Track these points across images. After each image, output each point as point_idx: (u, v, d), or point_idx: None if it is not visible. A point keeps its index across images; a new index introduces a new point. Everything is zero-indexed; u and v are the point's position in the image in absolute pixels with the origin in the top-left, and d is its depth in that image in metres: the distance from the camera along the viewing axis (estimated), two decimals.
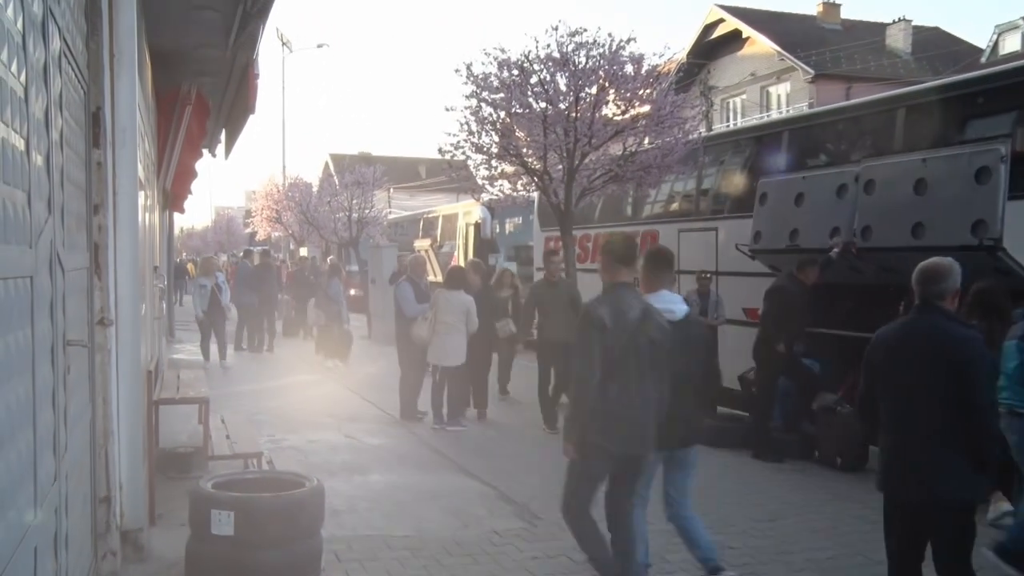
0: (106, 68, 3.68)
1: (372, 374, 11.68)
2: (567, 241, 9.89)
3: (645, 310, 3.56)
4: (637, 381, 3.49)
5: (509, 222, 18.02)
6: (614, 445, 3.52)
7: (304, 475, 4.17)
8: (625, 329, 3.45)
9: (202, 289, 11.98)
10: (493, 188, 10.44)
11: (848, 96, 21.57)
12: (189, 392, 6.48)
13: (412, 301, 8.59)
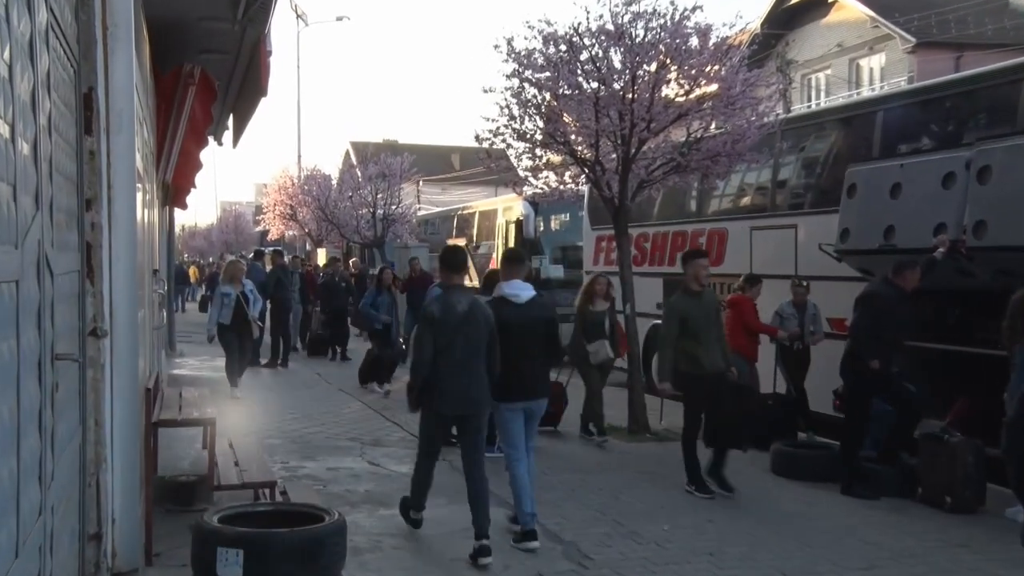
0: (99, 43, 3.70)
1: (398, 392, 11.69)
2: (622, 242, 9.84)
3: (472, 303, 5.47)
4: (464, 358, 5.36)
5: (555, 219, 17.96)
6: (447, 408, 5.47)
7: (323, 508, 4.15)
8: (453, 320, 5.36)
9: (225, 299, 11.14)
10: (537, 180, 10.44)
11: (958, 67, 21.02)
12: (193, 413, 6.52)
13: None
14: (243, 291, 11.23)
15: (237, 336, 11.13)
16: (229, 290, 11.19)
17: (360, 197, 22.53)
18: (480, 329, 5.44)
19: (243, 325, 11.14)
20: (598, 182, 9.67)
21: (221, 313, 11.08)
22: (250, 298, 11.26)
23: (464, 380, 5.39)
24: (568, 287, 15.97)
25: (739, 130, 9.30)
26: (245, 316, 11.13)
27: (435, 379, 5.37)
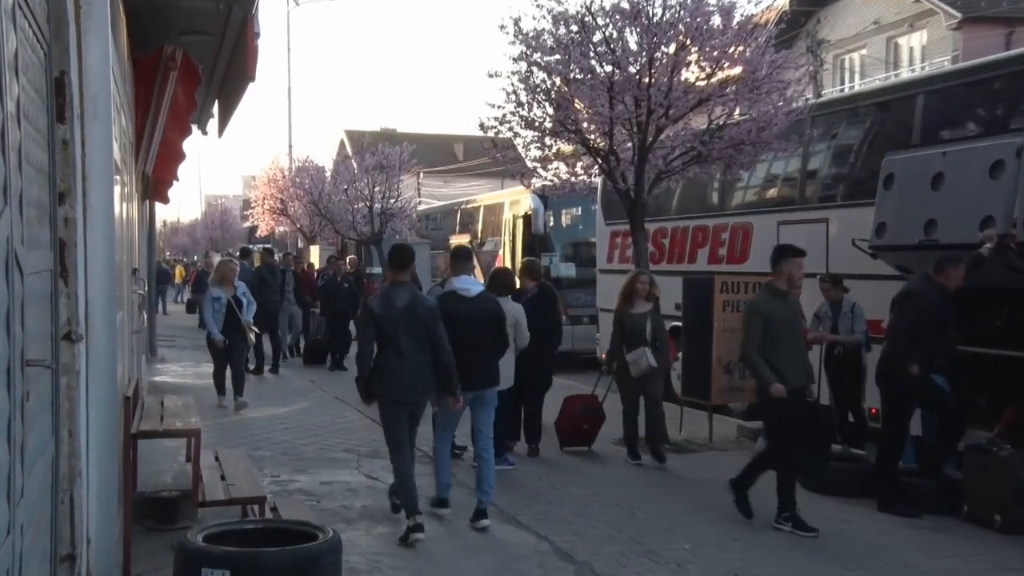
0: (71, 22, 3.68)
1: None
2: (638, 238, 9.83)
3: (412, 299, 6.28)
4: (407, 348, 6.17)
5: (566, 214, 17.96)
6: (395, 394, 6.22)
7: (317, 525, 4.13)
8: (393, 314, 6.17)
9: (216, 304, 10.92)
10: (546, 172, 10.46)
11: (1008, 45, 20.83)
12: (175, 423, 6.52)
13: None
14: (235, 295, 11.01)
15: (227, 343, 10.96)
16: (220, 294, 10.93)
17: (356, 190, 22.52)
18: (420, 322, 6.23)
19: (234, 331, 10.92)
20: (612, 173, 9.66)
21: (217, 323, 10.88)
22: (243, 302, 11.03)
23: (408, 370, 6.21)
24: (580, 286, 15.99)
25: (765, 116, 9.27)
26: (238, 322, 10.92)
27: (382, 370, 6.22)
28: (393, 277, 6.47)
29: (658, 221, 12.22)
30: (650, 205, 10.34)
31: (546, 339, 8.85)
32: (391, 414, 6.30)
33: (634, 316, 8.70)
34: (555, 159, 10.25)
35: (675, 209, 12.51)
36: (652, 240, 11.89)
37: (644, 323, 8.64)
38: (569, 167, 10.24)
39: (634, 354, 8.58)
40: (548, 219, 17.19)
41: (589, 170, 10.22)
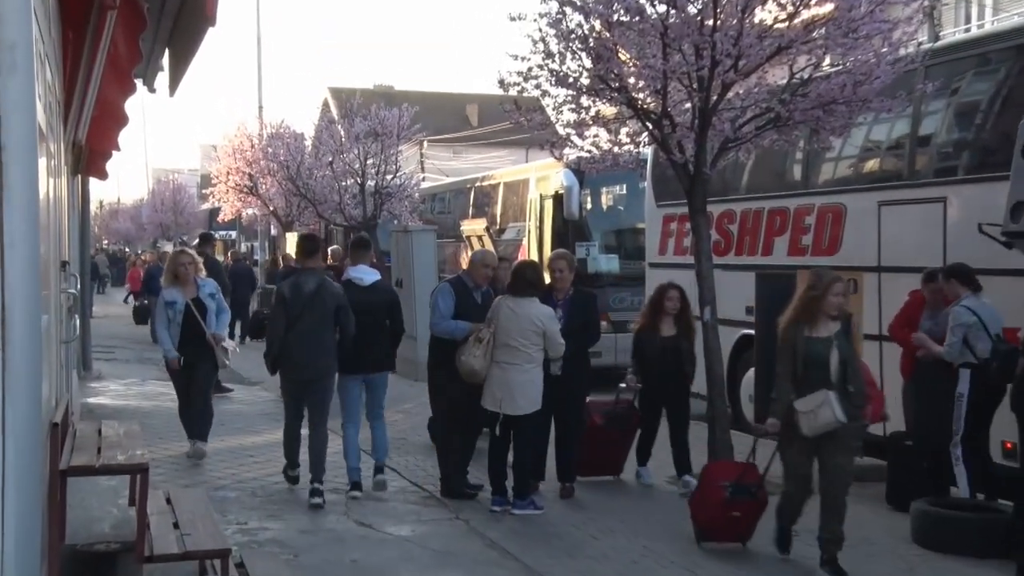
0: None
1: (398, 425, 11.72)
2: (698, 223, 9.79)
3: (320, 284, 8.60)
4: (309, 331, 8.45)
5: (607, 193, 17.95)
6: (294, 374, 8.65)
7: None
8: (301, 298, 8.49)
9: (170, 310, 10.09)
10: (583, 140, 10.41)
11: None
12: (116, 456, 6.50)
13: (443, 314, 8.73)
14: (197, 296, 10.14)
15: (188, 365, 10.06)
16: (175, 297, 10.07)
17: (343, 163, 22.59)
18: (327, 306, 8.53)
19: (196, 348, 10.03)
20: (666, 142, 9.61)
21: (173, 335, 10.07)
22: (208, 306, 10.16)
23: (310, 349, 8.50)
24: (624, 284, 15.98)
25: (864, 67, 9.17)
26: (201, 335, 10.04)
27: (287, 348, 8.56)
28: (303, 263, 9.04)
29: (724, 202, 12.18)
30: (714, 182, 10.30)
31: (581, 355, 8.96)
32: (290, 390, 8.93)
33: (815, 342, 7.10)
34: (593, 124, 10.20)
35: (746, 187, 12.47)
36: (716, 226, 11.84)
37: (827, 353, 7.07)
38: (611, 134, 10.19)
39: (811, 400, 6.94)
40: (584, 200, 17.16)
41: (636, 138, 10.17)
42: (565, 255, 9.63)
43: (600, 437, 9.41)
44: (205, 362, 10.17)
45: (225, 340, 10.48)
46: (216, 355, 10.16)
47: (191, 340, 10.04)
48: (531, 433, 8.53)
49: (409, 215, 22.33)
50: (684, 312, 9.51)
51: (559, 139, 10.72)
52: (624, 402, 9.63)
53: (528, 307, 8.33)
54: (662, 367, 9.32)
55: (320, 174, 23.42)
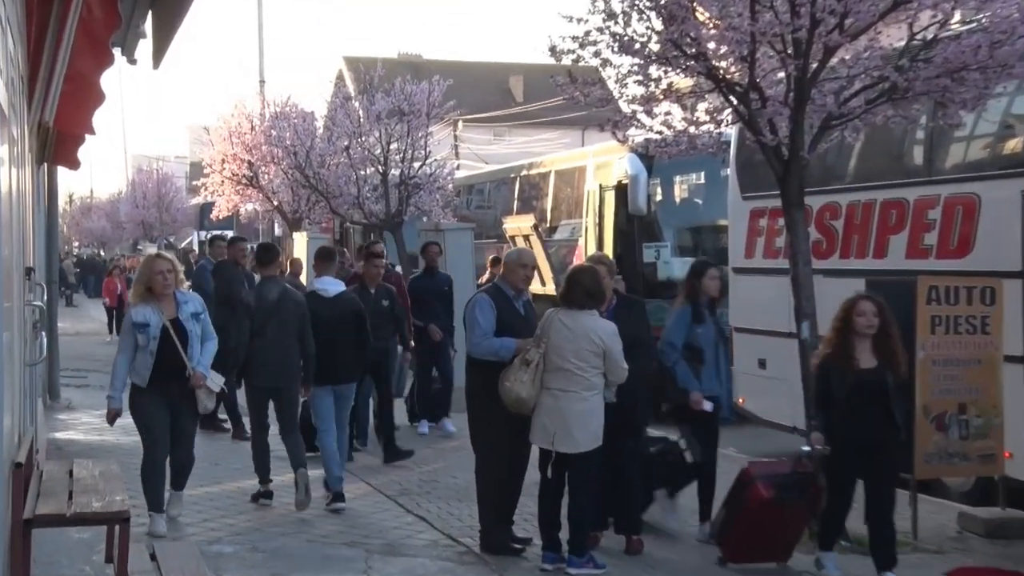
0: None
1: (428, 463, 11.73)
2: (794, 218, 9.74)
3: (282, 293, 10.11)
4: (273, 339, 9.88)
5: (681, 183, 17.93)
6: (260, 381, 10.01)
7: None
8: (265, 307, 9.96)
9: (140, 333, 9.02)
10: (652, 119, 10.38)
11: None
12: (91, 502, 6.53)
13: (485, 331, 8.70)
14: (176, 316, 9.16)
15: (165, 408, 9.11)
16: (146, 316, 9.07)
17: (362, 148, 22.64)
18: (291, 315, 10.00)
19: (177, 386, 9.12)
20: (754, 120, 9.58)
21: (135, 362, 9.04)
22: (188, 330, 9.20)
23: (276, 358, 9.95)
24: None
25: (1004, 24, 9.07)
26: (178, 368, 9.08)
27: (253, 356, 9.97)
28: (263, 272, 10.57)
29: (826, 193, 12.12)
30: (813, 168, 10.26)
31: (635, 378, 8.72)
32: (255, 398, 10.24)
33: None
34: (665, 99, 10.18)
35: (853, 174, 12.41)
36: (816, 222, 11.79)
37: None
38: (686, 111, 10.19)
39: None
40: (653, 191, 17.12)
41: (717, 115, 10.13)
42: (603, 258, 9.69)
43: (769, 516, 8.56)
44: (187, 405, 9.19)
45: (210, 379, 9.23)
46: (198, 398, 9.18)
47: (168, 376, 8.99)
48: (590, 474, 8.42)
49: (441, 210, 22.35)
50: (886, 333, 8.38)
51: (623, 118, 10.69)
52: (802, 466, 8.63)
53: (586, 322, 8.25)
54: (858, 412, 8.26)
55: (334, 162, 23.47)
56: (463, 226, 20.55)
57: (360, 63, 30.59)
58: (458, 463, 11.04)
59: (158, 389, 9.01)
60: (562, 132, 40.00)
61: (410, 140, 22.01)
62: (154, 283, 9.14)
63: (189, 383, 9.06)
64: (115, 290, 28.83)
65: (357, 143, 22.73)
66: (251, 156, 26.54)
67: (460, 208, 24.04)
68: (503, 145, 43.54)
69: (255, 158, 26.43)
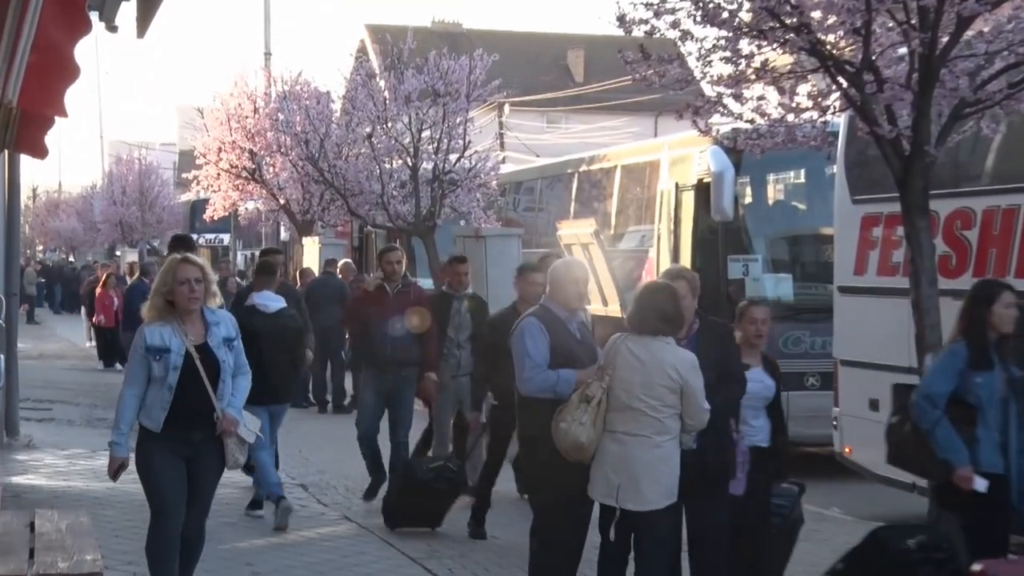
0: None
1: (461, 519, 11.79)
2: (916, 226, 9.69)
3: None
4: None
5: (776, 182, 17.94)
6: None
7: None
8: None
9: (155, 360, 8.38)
10: (740, 104, 10.37)
11: None
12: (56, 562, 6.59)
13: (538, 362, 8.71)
14: (205, 341, 8.60)
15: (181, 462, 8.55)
16: (168, 340, 8.48)
17: (388, 137, 22.72)
18: None
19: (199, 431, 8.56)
20: (867, 106, 9.57)
21: (146, 398, 8.46)
22: (220, 360, 8.62)
23: None
24: (801, 318, 15.84)
25: None
26: (205, 410, 8.51)
27: None
28: None
29: (957, 196, 12.03)
30: (941, 166, 10.26)
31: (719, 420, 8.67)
32: None
33: None
34: (758, 80, 10.18)
35: (991, 174, 12.30)
36: (944, 232, 11.71)
37: None
38: (784, 95, 10.19)
39: None
40: (742, 192, 17.08)
41: (822, 101, 10.11)
42: (684, 273, 9.49)
43: None
44: (210, 459, 8.64)
45: (244, 425, 8.72)
46: (226, 449, 8.61)
47: (189, 419, 8.46)
48: (661, 539, 8.36)
49: (483, 212, 22.40)
50: None
51: (705, 102, 10.70)
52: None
53: (660, 352, 8.18)
54: None
55: (353, 152, 23.59)
56: (509, 232, 20.42)
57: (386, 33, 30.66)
58: (496, 517, 11.03)
59: (175, 436, 8.43)
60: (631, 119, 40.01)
61: (446, 127, 22.09)
62: (177, 296, 8.48)
63: (217, 429, 8.46)
64: (110, 306, 26.81)
65: (382, 130, 22.83)
66: (253, 144, 26.74)
67: (505, 210, 24.04)
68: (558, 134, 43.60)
69: (258, 147, 26.62)
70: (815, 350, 14.93)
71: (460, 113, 22.14)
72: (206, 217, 30.56)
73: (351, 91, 25.98)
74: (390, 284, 13.41)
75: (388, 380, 13.14)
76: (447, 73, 22.07)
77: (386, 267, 13.71)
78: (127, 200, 47.99)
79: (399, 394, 13.14)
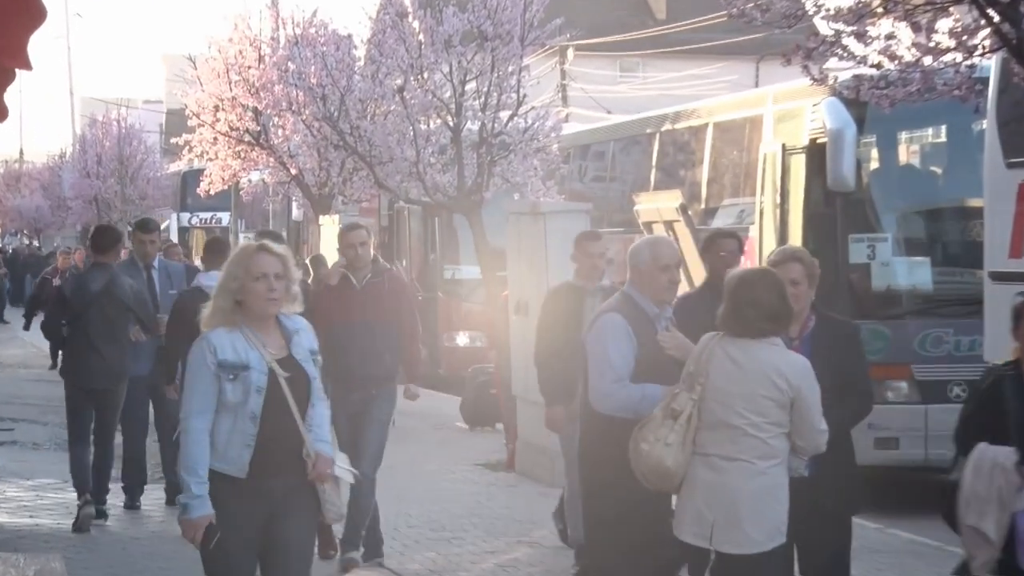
0: None
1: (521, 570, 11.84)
2: None
3: (110, 281, 14.29)
4: (97, 334, 14.21)
5: (906, 143, 18.05)
6: (76, 381, 14.53)
7: None
8: (85, 297, 14.35)
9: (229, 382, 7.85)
10: (864, 46, 10.35)
11: None
12: None
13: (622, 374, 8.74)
14: (289, 354, 8.16)
15: (261, 521, 8.02)
16: (240, 349, 8.02)
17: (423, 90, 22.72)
18: (116, 306, 13.60)
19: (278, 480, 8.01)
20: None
21: (217, 433, 7.92)
22: (310, 377, 8.20)
23: (96, 355, 13.61)
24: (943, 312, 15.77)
25: None
26: (291, 445, 8.01)
27: (69, 355, 14.25)
28: (95, 258, 14.46)
29: None
30: None
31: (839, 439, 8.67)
32: (74, 398, 14.19)
33: None
34: (886, 14, 10.16)
35: None
36: None
37: None
38: (918, 33, 10.17)
39: None
40: (866, 155, 17.08)
41: (968, 40, 10.07)
42: (798, 254, 9.36)
43: None
44: (299, 511, 8.13)
45: (339, 464, 8.37)
46: (322, 498, 8.13)
47: (274, 459, 8.01)
48: None
49: (541, 183, 22.37)
50: None
51: (820, 43, 10.69)
52: None
53: (764, 356, 8.11)
54: None
55: (382, 110, 23.58)
56: (574, 207, 20.24)
57: None
58: None
59: (255, 485, 7.93)
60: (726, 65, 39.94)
61: (495, 78, 21.99)
62: (252, 295, 8.01)
63: (308, 473, 7.97)
64: None
65: (416, 82, 22.73)
66: (258, 101, 26.83)
67: (569, 180, 24.06)
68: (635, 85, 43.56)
69: (264, 104, 26.70)
70: (960, 352, 14.89)
71: (513, 60, 21.99)
72: (200, 191, 30.57)
73: (378, 34, 25.87)
74: (356, 274, 12.42)
75: (355, 401, 12.30)
76: (496, 10, 21.95)
77: (347, 251, 12.71)
78: (103, 171, 47.79)
79: (368, 415, 12.35)
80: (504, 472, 17.48)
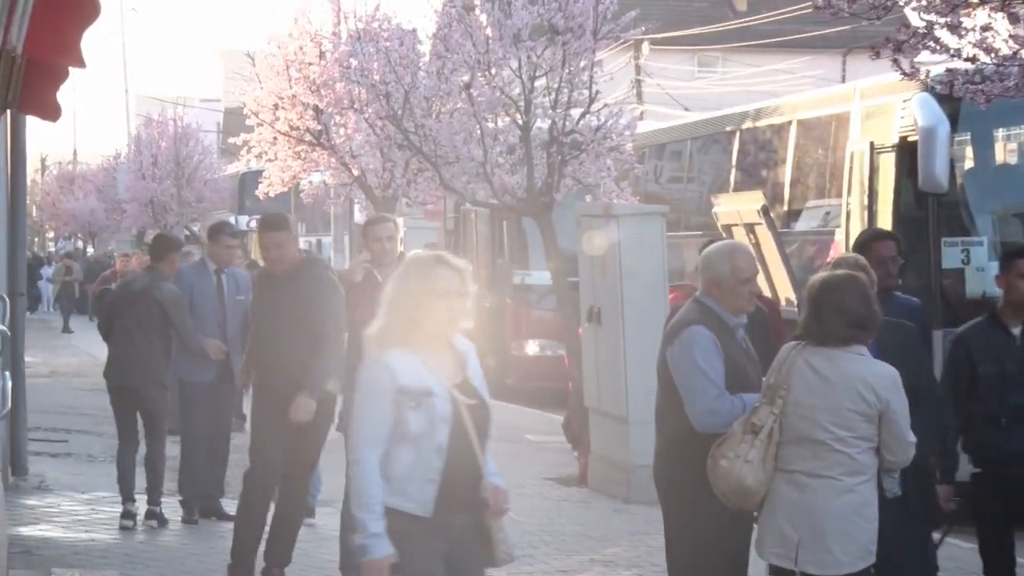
0: None
1: None
2: None
3: (150, 284, 15.25)
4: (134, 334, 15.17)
5: (1006, 140, 17.97)
6: (110, 378, 15.41)
7: None
8: (126, 296, 15.80)
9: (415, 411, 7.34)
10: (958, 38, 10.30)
11: None
12: None
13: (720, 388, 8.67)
14: (467, 379, 7.80)
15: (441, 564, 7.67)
16: (420, 375, 7.61)
17: (491, 87, 22.71)
18: (152, 309, 14.38)
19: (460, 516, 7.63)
20: None
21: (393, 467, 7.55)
22: (488, 407, 7.88)
23: (128, 353, 14.50)
24: None
25: None
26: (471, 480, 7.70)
27: (110, 353, 15.02)
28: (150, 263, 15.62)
29: None
30: None
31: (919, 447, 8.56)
32: (112, 399, 15.12)
33: None
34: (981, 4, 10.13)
35: None
36: None
37: None
38: (1018, 24, 10.17)
39: None
40: (960, 154, 16.99)
41: None
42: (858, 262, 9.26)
43: None
44: (477, 558, 7.88)
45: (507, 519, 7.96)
46: (495, 538, 7.81)
47: (456, 495, 7.65)
48: None
49: (615, 184, 22.31)
50: None
51: (911, 35, 10.64)
52: None
53: (850, 366, 8.10)
54: None
55: (448, 108, 23.57)
56: (649, 209, 20.34)
57: None
58: None
59: (438, 524, 7.58)
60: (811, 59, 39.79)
61: (566, 73, 21.96)
62: (431, 314, 7.65)
63: (489, 511, 7.67)
64: None
65: (483, 78, 22.73)
66: (319, 99, 26.83)
67: (644, 181, 24.01)
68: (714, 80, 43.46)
69: (325, 102, 26.71)
70: None
71: (585, 55, 21.92)
72: (259, 193, 30.51)
73: (443, 28, 25.87)
74: (382, 270, 11.74)
75: None
76: (568, 3, 21.92)
77: (373, 245, 12.43)
78: (159, 173, 47.90)
79: None
80: (576, 487, 17.47)
